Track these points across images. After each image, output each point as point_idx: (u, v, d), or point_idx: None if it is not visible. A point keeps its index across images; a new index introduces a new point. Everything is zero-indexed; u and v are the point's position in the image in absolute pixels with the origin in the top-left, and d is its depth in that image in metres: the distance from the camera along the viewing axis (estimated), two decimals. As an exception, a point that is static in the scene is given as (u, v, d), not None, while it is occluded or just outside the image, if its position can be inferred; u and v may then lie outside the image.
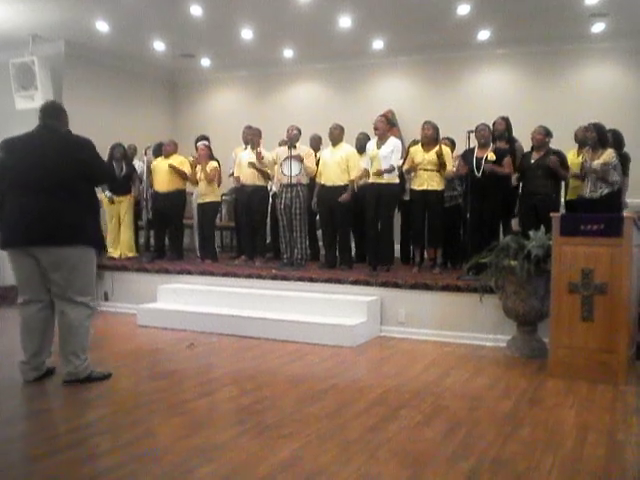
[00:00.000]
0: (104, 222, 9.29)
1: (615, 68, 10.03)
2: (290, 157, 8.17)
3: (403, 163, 8.00)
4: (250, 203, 8.85)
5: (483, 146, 7.52)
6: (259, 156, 8.62)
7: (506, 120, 8.06)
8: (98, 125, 10.46)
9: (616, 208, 6.99)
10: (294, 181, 8.26)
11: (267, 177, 8.96)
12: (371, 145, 8.02)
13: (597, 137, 7.05)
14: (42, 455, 3.55)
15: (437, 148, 7.70)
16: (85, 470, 3.38)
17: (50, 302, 5.02)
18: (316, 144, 9.39)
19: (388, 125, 8.09)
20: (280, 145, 8.80)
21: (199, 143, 9.71)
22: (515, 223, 8.36)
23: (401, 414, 4.36)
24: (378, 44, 10.68)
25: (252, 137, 8.95)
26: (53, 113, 5.09)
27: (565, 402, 4.69)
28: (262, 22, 9.68)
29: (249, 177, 8.84)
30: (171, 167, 9.29)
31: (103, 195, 9.44)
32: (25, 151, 4.91)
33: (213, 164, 9.38)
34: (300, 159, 8.27)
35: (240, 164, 8.99)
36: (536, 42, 10.11)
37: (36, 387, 4.95)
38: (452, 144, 8.54)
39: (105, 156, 9.01)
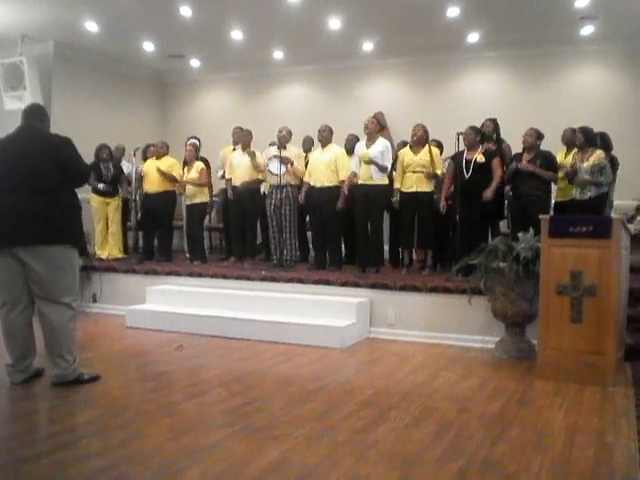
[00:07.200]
0: (91, 223, 9.29)
1: (604, 71, 10.07)
2: (280, 157, 8.17)
3: (393, 166, 8.02)
4: (243, 204, 8.82)
5: (470, 149, 7.53)
6: (257, 165, 8.59)
7: (494, 122, 8.09)
8: (87, 126, 10.46)
9: (600, 210, 7.03)
10: (283, 182, 8.26)
11: (260, 180, 8.90)
12: (360, 146, 8.04)
13: (583, 138, 7.12)
14: (30, 457, 3.52)
15: (427, 149, 7.74)
16: (74, 472, 3.36)
17: (30, 303, 4.97)
18: (308, 145, 9.39)
19: (378, 126, 8.11)
20: (270, 146, 8.78)
21: (188, 142, 9.73)
22: (504, 225, 8.40)
23: (390, 416, 4.36)
24: (368, 46, 10.68)
25: (243, 139, 8.94)
26: (36, 114, 5.06)
27: (554, 404, 4.70)
28: (252, 23, 9.66)
29: (242, 179, 8.81)
30: (160, 172, 9.29)
31: (92, 195, 9.43)
32: (8, 152, 4.88)
33: (200, 165, 9.37)
34: (288, 161, 8.27)
35: (232, 166, 8.96)
36: (526, 45, 10.13)
37: (24, 389, 4.91)
38: (439, 146, 8.54)
39: (90, 156, 9.00)
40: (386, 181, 7.88)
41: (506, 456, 3.62)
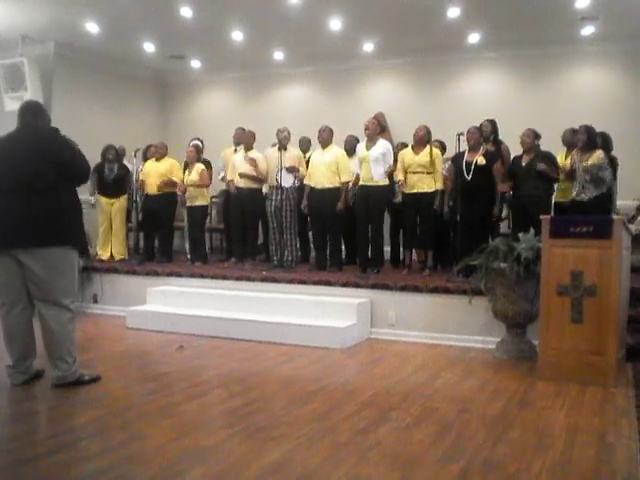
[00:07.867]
0: (94, 223, 9.31)
1: (605, 71, 10.07)
2: (282, 168, 8.20)
3: (394, 167, 8.01)
4: (244, 206, 8.81)
5: (473, 149, 7.52)
6: (252, 163, 8.58)
7: (492, 123, 8.10)
8: (88, 126, 10.45)
9: (606, 211, 7.01)
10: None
11: (260, 181, 8.88)
12: (360, 147, 8.04)
13: (586, 139, 7.09)
14: (31, 458, 3.52)
15: (428, 149, 7.74)
16: (74, 473, 3.36)
17: (29, 304, 4.95)
18: (305, 146, 9.38)
19: (379, 127, 8.10)
20: (272, 146, 8.77)
21: (190, 143, 9.72)
22: (504, 225, 8.40)
23: (391, 416, 4.36)
24: (368, 46, 10.67)
25: (246, 140, 8.93)
26: (32, 112, 5.01)
27: (555, 404, 4.70)
28: (252, 24, 9.66)
29: (243, 180, 8.80)
30: (161, 183, 9.33)
31: (96, 196, 9.45)
32: (8, 152, 4.86)
33: (201, 167, 9.36)
34: (295, 170, 8.29)
35: (234, 167, 8.94)
36: (526, 45, 10.12)
37: (24, 390, 4.91)
38: (442, 147, 8.55)
39: (92, 157, 8.99)
40: (387, 181, 7.89)
41: (507, 457, 3.62)
